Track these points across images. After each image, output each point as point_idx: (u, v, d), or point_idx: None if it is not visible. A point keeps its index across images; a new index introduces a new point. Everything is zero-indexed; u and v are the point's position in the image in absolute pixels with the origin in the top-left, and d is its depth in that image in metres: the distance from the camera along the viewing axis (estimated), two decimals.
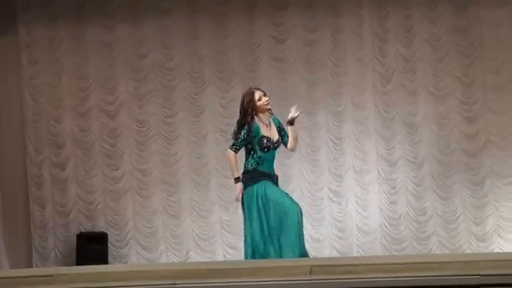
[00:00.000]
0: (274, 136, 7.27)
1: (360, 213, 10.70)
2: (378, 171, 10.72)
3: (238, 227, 10.86)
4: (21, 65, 11.02)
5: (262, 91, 7.37)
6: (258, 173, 7.16)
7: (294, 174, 10.72)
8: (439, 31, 10.68)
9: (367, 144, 10.75)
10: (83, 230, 10.91)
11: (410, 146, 10.71)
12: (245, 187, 7.18)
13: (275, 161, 7.30)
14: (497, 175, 10.56)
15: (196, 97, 10.97)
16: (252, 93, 7.32)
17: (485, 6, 10.60)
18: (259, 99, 7.26)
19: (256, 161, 7.18)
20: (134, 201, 10.96)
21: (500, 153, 10.57)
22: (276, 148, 7.28)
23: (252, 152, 7.20)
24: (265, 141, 7.19)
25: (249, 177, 7.16)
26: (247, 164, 7.21)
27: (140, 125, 11.01)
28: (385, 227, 10.66)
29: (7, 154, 10.85)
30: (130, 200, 10.96)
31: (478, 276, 5.08)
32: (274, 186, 7.22)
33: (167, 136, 10.98)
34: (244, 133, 7.16)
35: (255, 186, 7.15)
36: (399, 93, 10.73)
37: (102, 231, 10.84)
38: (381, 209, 10.69)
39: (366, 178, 10.74)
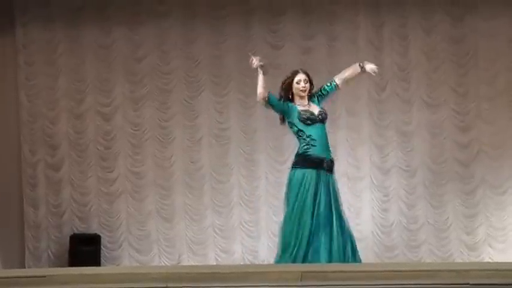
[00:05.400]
0: (314, 110, 7.05)
1: (352, 220, 10.69)
2: (371, 178, 10.76)
3: (231, 232, 10.91)
4: (18, 66, 11.04)
5: (307, 76, 7.16)
6: (306, 159, 6.93)
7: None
8: (434, 41, 10.74)
9: (361, 151, 10.79)
10: (76, 232, 10.92)
11: (403, 154, 10.76)
12: (291, 168, 7.02)
13: (329, 141, 7.06)
14: (489, 185, 10.61)
15: (191, 101, 11.00)
16: (294, 73, 7.18)
17: (480, 16, 10.66)
18: (297, 83, 7.11)
19: (306, 142, 6.94)
20: (128, 204, 10.98)
21: (492, 163, 10.62)
22: (321, 122, 7.02)
23: (300, 134, 6.98)
24: (303, 113, 6.98)
25: (298, 160, 6.97)
26: (299, 148, 6.99)
27: (135, 128, 11.04)
28: (377, 234, 10.70)
29: (2, 154, 10.86)
30: (124, 203, 10.98)
31: (468, 285, 5.13)
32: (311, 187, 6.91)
33: (162, 140, 11.01)
34: (284, 100, 7.03)
35: (299, 171, 6.94)
36: (393, 101, 10.78)
37: (95, 233, 10.85)
38: (373, 216, 10.73)
39: (358, 185, 10.78)
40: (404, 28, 10.80)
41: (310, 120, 6.99)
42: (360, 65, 7.29)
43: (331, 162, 7.06)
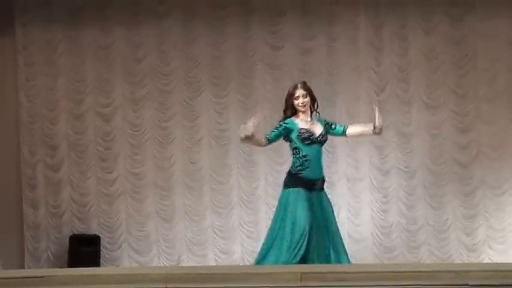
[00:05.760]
0: (316, 130, 7.00)
1: (351, 221, 10.74)
2: (371, 179, 10.77)
3: (231, 232, 10.90)
4: (18, 66, 11.03)
5: (306, 90, 7.06)
6: (298, 180, 6.95)
7: None
8: (433, 42, 10.75)
9: (360, 152, 10.80)
10: (75, 232, 10.92)
11: (403, 155, 10.77)
12: (283, 188, 7.05)
13: (322, 162, 7.04)
14: (488, 186, 10.62)
15: (191, 102, 11.01)
16: (294, 88, 7.10)
17: (479, 17, 10.67)
18: (296, 99, 7.06)
19: (300, 163, 6.94)
20: (127, 205, 10.98)
21: (491, 164, 10.64)
22: (320, 143, 7.00)
23: (295, 151, 6.99)
24: (304, 132, 6.96)
25: (290, 180, 7.00)
26: (292, 166, 7.01)
27: (135, 129, 11.04)
28: (377, 235, 10.71)
29: (1, 155, 10.86)
30: (123, 203, 10.98)
31: (467, 286, 5.13)
32: (305, 202, 6.88)
33: (162, 140, 11.01)
34: (281, 124, 7.01)
35: (292, 190, 6.96)
36: (393, 102, 10.79)
37: (95, 234, 10.86)
38: (372, 217, 10.74)
39: (358, 186, 10.79)
40: (404, 29, 10.81)
41: (309, 139, 6.99)
42: (373, 128, 7.11)
43: (323, 180, 7.08)
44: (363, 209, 10.75)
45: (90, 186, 11.00)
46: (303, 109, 7.07)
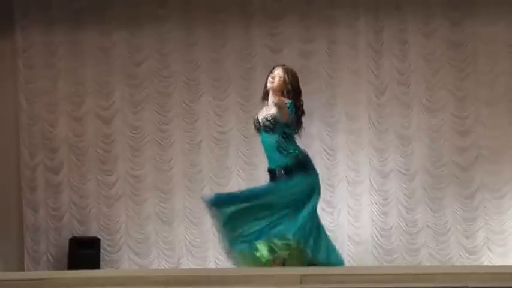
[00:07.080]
0: (261, 115, 6.22)
1: (351, 223, 10.75)
2: (370, 182, 10.77)
3: None
4: (18, 69, 11.05)
5: (286, 74, 6.25)
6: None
7: None
8: (433, 45, 10.77)
9: (360, 155, 10.81)
10: (75, 235, 10.92)
11: (402, 158, 10.78)
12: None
13: (274, 150, 6.32)
14: (488, 189, 10.64)
15: (191, 105, 11.02)
16: (275, 66, 6.36)
17: (479, 21, 10.70)
18: (272, 72, 6.29)
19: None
20: (127, 207, 10.99)
21: (491, 167, 10.65)
22: (265, 131, 6.26)
23: None
24: (254, 120, 6.29)
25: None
26: None
27: (135, 131, 11.05)
28: (376, 237, 10.71)
29: (1, 157, 10.86)
30: (123, 206, 10.99)
31: None
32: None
33: (161, 143, 11.02)
34: None
35: None
36: (393, 105, 10.80)
37: (95, 236, 10.86)
38: (372, 219, 10.74)
39: (358, 189, 10.79)
40: (403, 32, 10.83)
41: (255, 126, 6.32)
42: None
43: (282, 168, 6.24)
44: (363, 212, 10.76)
45: (90, 188, 11.00)
46: (269, 85, 6.25)
